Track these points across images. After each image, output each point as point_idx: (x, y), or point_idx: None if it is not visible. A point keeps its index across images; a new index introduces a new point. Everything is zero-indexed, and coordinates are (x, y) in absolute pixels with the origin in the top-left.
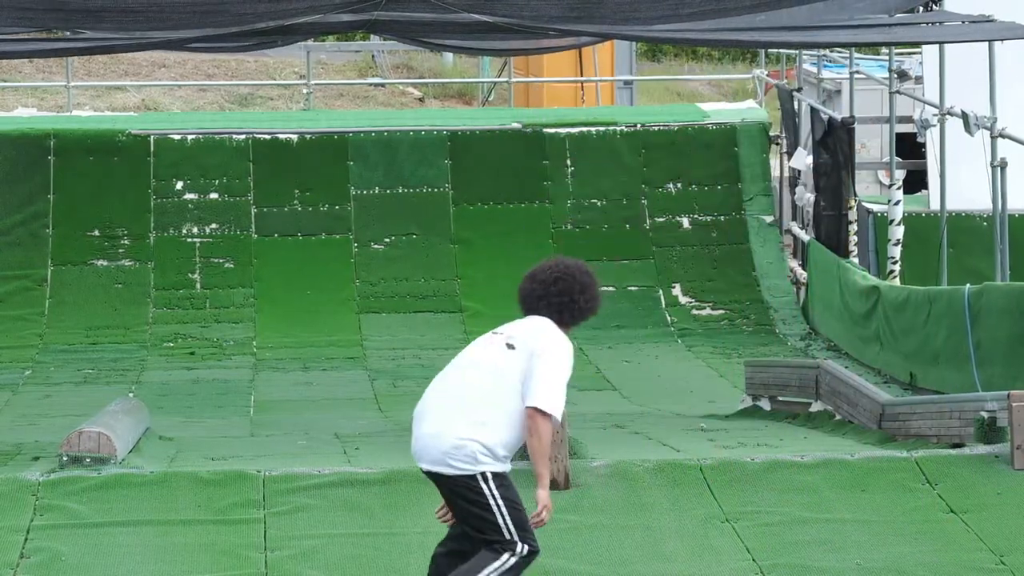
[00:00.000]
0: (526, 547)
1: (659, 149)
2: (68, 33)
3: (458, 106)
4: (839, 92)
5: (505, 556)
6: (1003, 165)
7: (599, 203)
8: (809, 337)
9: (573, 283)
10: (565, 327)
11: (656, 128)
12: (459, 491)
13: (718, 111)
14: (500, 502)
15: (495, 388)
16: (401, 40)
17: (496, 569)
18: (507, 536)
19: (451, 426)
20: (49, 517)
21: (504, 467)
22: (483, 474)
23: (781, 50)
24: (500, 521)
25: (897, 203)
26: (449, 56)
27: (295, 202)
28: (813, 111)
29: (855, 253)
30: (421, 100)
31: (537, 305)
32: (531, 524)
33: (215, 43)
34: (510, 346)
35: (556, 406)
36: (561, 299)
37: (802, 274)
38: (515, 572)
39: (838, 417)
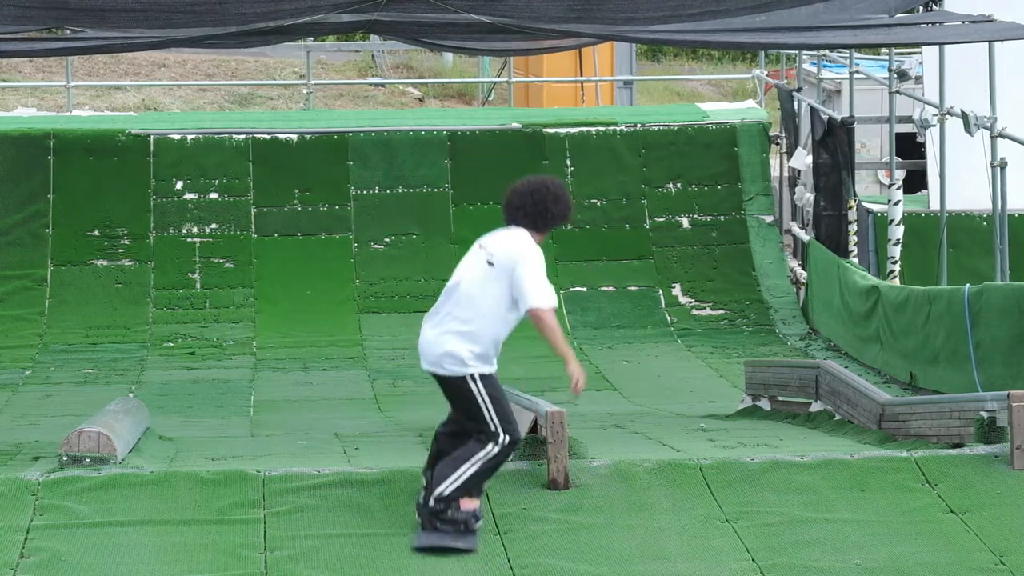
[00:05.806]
0: (508, 437)
1: (659, 149)
2: (68, 32)
3: (458, 106)
4: (839, 92)
5: (489, 446)
6: (1003, 165)
7: (599, 203)
8: (809, 337)
9: (547, 193)
10: (540, 232)
11: (656, 128)
12: (452, 388)
13: (718, 111)
14: (486, 399)
15: (480, 300)
16: (402, 40)
17: (481, 458)
18: (492, 428)
19: (444, 336)
20: (49, 517)
21: (490, 368)
22: (471, 375)
23: (781, 50)
24: (486, 414)
25: (897, 203)
26: (449, 56)
27: (295, 202)
28: (813, 111)
29: (855, 253)
30: (421, 100)
31: (516, 215)
32: (571, 392)
33: (215, 40)
34: (490, 263)
35: (548, 299)
36: (536, 207)
37: (802, 274)
38: (500, 459)
39: (838, 417)
